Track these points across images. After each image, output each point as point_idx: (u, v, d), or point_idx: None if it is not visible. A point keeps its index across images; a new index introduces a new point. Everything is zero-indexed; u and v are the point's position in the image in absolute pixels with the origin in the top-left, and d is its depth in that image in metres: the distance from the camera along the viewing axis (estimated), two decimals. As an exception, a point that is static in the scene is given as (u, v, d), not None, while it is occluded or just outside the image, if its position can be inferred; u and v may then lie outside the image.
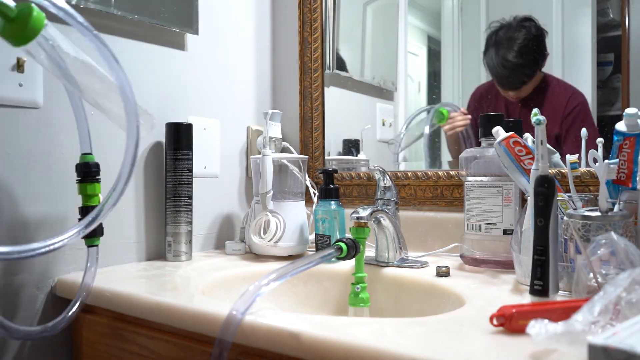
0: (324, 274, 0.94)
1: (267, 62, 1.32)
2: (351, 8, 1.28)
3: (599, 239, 0.60)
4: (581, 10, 0.99)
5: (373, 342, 0.52)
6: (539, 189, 0.61)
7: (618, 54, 0.94)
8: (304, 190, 1.10)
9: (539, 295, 0.61)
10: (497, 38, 1.04)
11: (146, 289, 0.78)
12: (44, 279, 0.86)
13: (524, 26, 1.01)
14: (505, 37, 1.02)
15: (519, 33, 1.01)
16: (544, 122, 0.64)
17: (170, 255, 1.01)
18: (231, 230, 1.20)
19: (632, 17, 0.92)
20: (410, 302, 0.85)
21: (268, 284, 0.65)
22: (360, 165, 1.24)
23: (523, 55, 1.01)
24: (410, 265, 0.91)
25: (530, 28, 1.00)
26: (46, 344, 0.87)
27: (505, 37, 1.02)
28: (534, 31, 1.00)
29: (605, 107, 0.96)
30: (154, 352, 0.74)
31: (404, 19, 1.22)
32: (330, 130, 1.25)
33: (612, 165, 0.67)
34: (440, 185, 1.07)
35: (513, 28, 1.02)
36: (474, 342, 0.54)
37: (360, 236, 0.82)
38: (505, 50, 1.03)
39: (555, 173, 0.93)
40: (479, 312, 0.62)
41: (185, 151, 1.02)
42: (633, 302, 0.47)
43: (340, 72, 1.28)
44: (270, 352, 0.60)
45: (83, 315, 0.85)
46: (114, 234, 0.96)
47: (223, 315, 0.61)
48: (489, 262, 0.87)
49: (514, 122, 0.87)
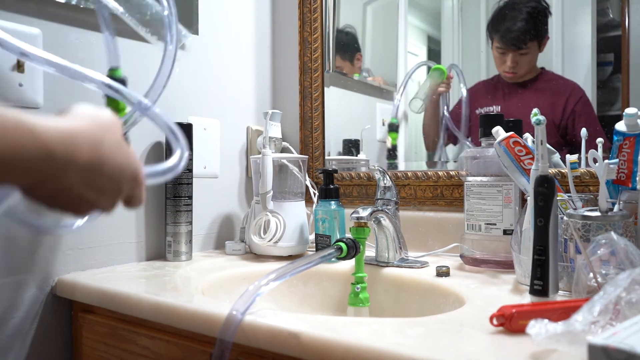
0: (324, 274, 0.94)
1: (267, 62, 1.32)
2: (351, 8, 1.28)
3: (599, 239, 0.60)
4: (581, 10, 0.99)
5: (373, 342, 0.52)
6: (539, 189, 0.61)
7: (618, 54, 0.94)
8: (304, 190, 1.10)
9: (538, 295, 0.61)
10: (502, 9, 1.09)
11: (146, 289, 0.78)
12: (44, 279, 0.86)
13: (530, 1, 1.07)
14: (511, 8, 1.08)
15: (525, 6, 1.07)
16: (543, 122, 0.64)
17: (170, 255, 1.01)
18: (231, 230, 1.20)
19: (632, 17, 0.92)
20: (410, 302, 0.85)
21: (268, 284, 0.65)
22: (360, 165, 1.24)
23: (527, 21, 1.06)
24: (410, 265, 0.91)
25: (536, 1, 1.05)
26: (46, 344, 0.87)
27: (510, 8, 1.08)
28: (538, 6, 1.05)
29: (605, 107, 0.96)
30: (154, 352, 0.74)
31: (404, 19, 1.22)
32: (330, 130, 1.25)
33: (612, 165, 0.67)
34: (440, 185, 1.07)
35: (519, 1, 1.08)
36: (474, 342, 0.54)
37: (360, 236, 0.82)
38: (511, 18, 1.08)
39: (555, 173, 0.93)
40: (479, 312, 0.62)
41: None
42: (633, 302, 0.47)
43: (340, 72, 1.28)
44: (270, 352, 0.60)
45: (83, 315, 0.85)
46: (114, 234, 0.96)
47: (223, 315, 0.61)
48: (489, 262, 0.87)
49: (514, 122, 0.88)
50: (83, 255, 0.91)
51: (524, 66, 1.05)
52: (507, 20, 1.08)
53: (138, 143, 1.01)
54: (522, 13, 1.06)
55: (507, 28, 1.07)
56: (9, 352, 0.82)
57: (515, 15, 1.07)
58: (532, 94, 1.05)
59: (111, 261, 0.96)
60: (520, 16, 1.06)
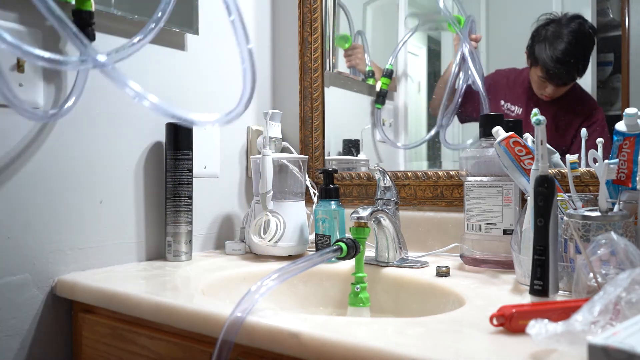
0: (324, 274, 0.94)
1: (267, 62, 1.32)
2: (351, 8, 1.28)
3: (599, 239, 0.60)
4: (581, 11, 0.99)
5: (373, 342, 0.52)
6: (539, 189, 0.61)
7: (618, 54, 0.94)
8: (304, 190, 1.10)
9: (539, 295, 0.61)
10: (552, 35, 1.01)
11: (146, 289, 0.78)
12: (44, 279, 0.86)
13: (576, 22, 0.99)
14: (556, 32, 1.00)
15: (569, 29, 0.99)
16: (543, 122, 0.64)
17: (170, 255, 1.01)
18: (231, 230, 1.20)
19: (632, 17, 0.92)
20: (410, 302, 0.85)
21: (269, 284, 0.65)
22: (360, 165, 1.24)
23: (579, 59, 0.99)
24: (410, 265, 0.91)
25: (582, 24, 0.98)
26: (46, 343, 0.87)
27: (556, 32, 1.00)
28: (586, 29, 0.98)
29: (605, 107, 0.96)
30: (154, 352, 0.74)
31: (404, 19, 1.22)
32: (330, 130, 1.25)
33: (612, 165, 0.67)
34: (440, 185, 1.07)
35: (563, 24, 1.00)
36: (474, 342, 0.54)
37: (360, 236, 0.82)
38: (558, 44, 1.00)
39: (555, 173, 0.93)
40: (479, 312, 0.62)
41: (186, 151, 1.02)
42: (633, 302, 0.47)
43: (340, 72, 1.28)
44: (270, 352, 0.60)
45: (83, 315, 0.85)
46: (114, 234, 0.96)
47: (223, 315, 0.61)
48: (489, 262, 0.87)
49: (514, 122, 0.88)
50: (83, 255, 0.91)
51: (561, 92, 1.02)
52: (556, 50, 0.99)
53: (138, 143, 1.01)
54: (574, 46, 0.97)
55: (557, 62, 0.99)
56: (9, 352, 0.82)
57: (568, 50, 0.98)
58: (557, 109, 1.02)
59: (111, 261, 0.96)
60: (575, 52, 0.98)
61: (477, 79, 1.09)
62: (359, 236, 0.82)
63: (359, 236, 0.82)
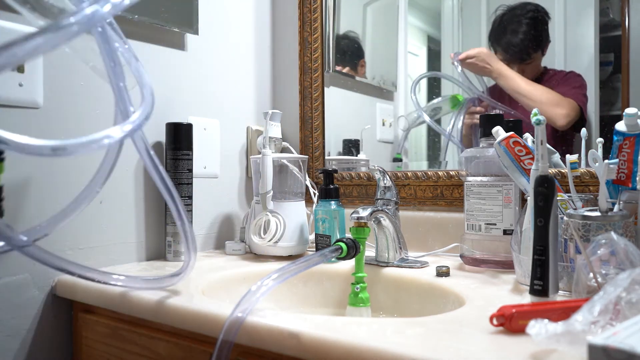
0: (324, 274, 0.94)
1: (267, 62, 1.32)
2: (351, 8, 1.28)
3: (599, 239, 0.60)
4: (584, 12, 0.99)
5: (373, 342, 0.52)
6: (539, 189, 0.61)
7: (618, 54, 0.94)
8: (304, 190, 1.10)
9: (539, 295, 0.61)
10: (501, 21, 1.08)
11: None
12: (44, 279, 0.86)
13: (529, 10, 1.05)
14: (510, 20, 1.07)
15: (524, 17, 1.06)
16: (543, 122, 0.64)
17: (170, 255, 1.01)
18: (231, 230, 1.20)
19: (632, 17, 0.92)
20: (410, 302, 0.85)
21: (269, 284, 0.65)
22: (360, 165, 1.24)
23: (528, 33, 1.06)
24: (410, 265, 0.91)
25: (535, 11, 1.04)
26: (46, 343, 0.87)
27: (510, 20, 1.07)
28: (538, 15, 1.04)
29: (606, 107, 0.96)
30: (154, 352, 0.74)
31: (404, 19, 1.22)
32: (330, 130, 1.25)
33: (612, 165, 0.67)
34: (440, 185, 1.07)
35: (518, 12, 1.06)
36: (474, 342, 0.54)
37: (360, 236, 0.82)
38: (511, 31, 1.07)
39: (555, 173, 0.93)
40: (479, 312, 0.62)
41: (185, 151, 1.02)
42: (633, 302, 0.47)
43: (340, 72, 1.28)
44: (270, 352, 0.60)
45: (83, 315, 0.85)
46: (114, 234, 0.96)
47: (223, 315, 0.61)
48: (489, 262, 0.87)
49: (514, 122, 0.88)
50: (83, 255, 0.91)
51: (529, 73, 1.05)
52: (507, 33, 1.07)
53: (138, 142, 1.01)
54: (522, 25, 1.05)
55: (509, 42, 1.07)
56: (9, 352, 0.82)
57: (515, 27, 1.06)
58: None
59: (111, 261, 0.96)
60: (521, 29, 1.06)
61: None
62: (359, 236, 0.82)
63: (359, 236, 0.82)
